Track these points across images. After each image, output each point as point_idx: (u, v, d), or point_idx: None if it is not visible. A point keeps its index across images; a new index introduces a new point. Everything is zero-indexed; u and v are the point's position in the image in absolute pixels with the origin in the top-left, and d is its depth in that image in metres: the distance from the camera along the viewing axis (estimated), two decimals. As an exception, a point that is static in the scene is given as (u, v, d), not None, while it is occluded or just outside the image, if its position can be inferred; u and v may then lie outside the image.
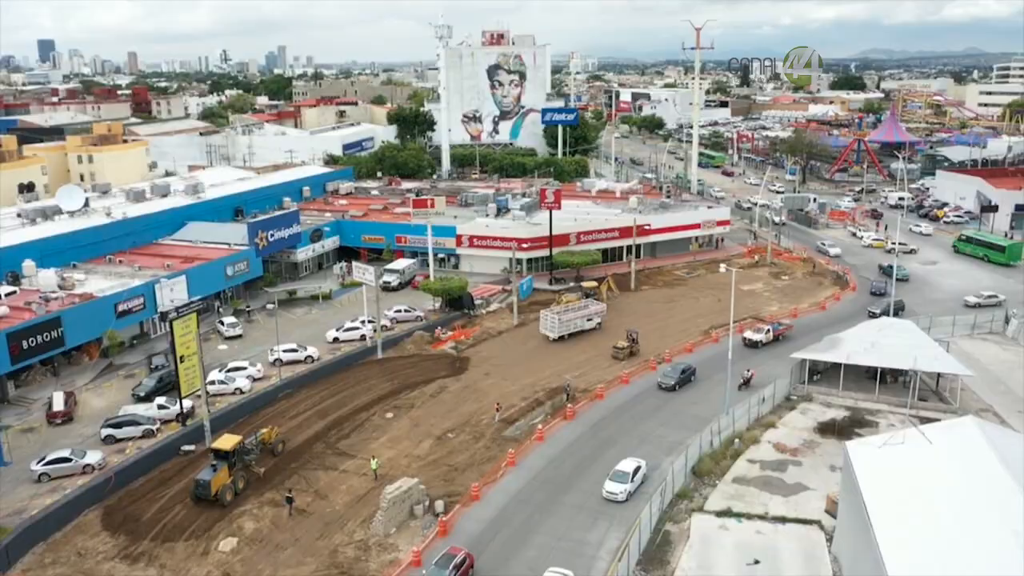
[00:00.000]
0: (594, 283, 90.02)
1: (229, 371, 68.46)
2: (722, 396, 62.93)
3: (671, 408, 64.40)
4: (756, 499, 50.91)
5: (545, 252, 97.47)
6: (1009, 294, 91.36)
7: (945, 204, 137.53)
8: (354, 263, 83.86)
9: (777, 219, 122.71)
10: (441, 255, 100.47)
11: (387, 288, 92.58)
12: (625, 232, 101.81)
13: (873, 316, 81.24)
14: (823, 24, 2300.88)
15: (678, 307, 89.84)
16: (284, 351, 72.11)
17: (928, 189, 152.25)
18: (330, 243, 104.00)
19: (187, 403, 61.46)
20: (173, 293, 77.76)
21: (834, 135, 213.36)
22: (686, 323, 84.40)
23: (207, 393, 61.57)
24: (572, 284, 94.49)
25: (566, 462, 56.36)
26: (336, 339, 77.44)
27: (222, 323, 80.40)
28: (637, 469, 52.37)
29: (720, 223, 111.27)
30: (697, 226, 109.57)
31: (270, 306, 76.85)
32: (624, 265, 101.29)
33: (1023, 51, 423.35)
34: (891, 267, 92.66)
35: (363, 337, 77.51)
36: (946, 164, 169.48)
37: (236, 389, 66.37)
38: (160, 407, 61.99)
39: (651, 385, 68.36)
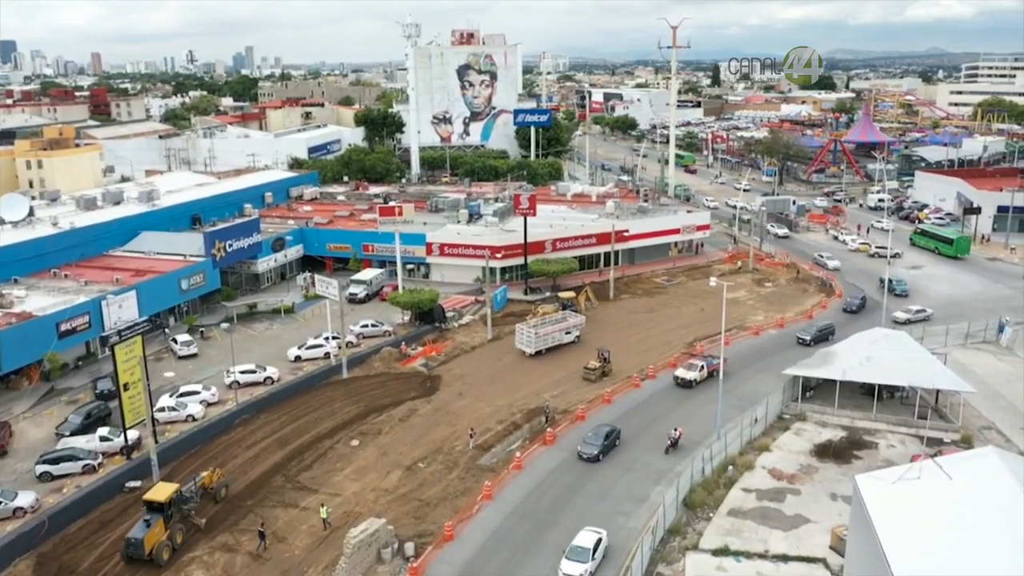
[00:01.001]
0: (571, 293, 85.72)
1: (180, 396, 63.24)
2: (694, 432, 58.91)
3: (658, 430, 60.18)
4: (754, 534, 46.90)
5: (520, 260, 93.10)
6: (996, 300, 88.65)
7: (925, 206, 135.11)
8: (317, 276, 78.76)
9: (780, 232, 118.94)
10: (410, 264, 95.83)
11: (353, 300, 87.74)
12: (602, 238, 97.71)
13: (803, 343, 75.42)
14: (789, 24, 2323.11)
15: (659, 317, 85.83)
16: (241, 372, 67.04)
17: (907, 189, 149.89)
18: (293, 252, 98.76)
19: (133, 434, 56.33)
20: (122, 311, 72.52)
21: (808, 135, 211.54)
22: (668, 334, 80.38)
23: (155, 422, 56.57)
24: (548, 294, 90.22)
25: (547, 494, 52.00)
26: (298, 358, 72.39)
27: (175, 341, 75.01)
28: (598, 543, 44.32)
29: (700, 228, 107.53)
30: (677, 231, 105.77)
31: (224, 325, 71.65)
32: (602, 273, 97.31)
33: (985, 51, 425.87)
34: (889, 281, 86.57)
35: (327, 355, 72.61)
36: (923, 164, 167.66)
37: (188, 416, 61.16)
38: (103, 439, 56.65)
39: (636, 404, 64.22)
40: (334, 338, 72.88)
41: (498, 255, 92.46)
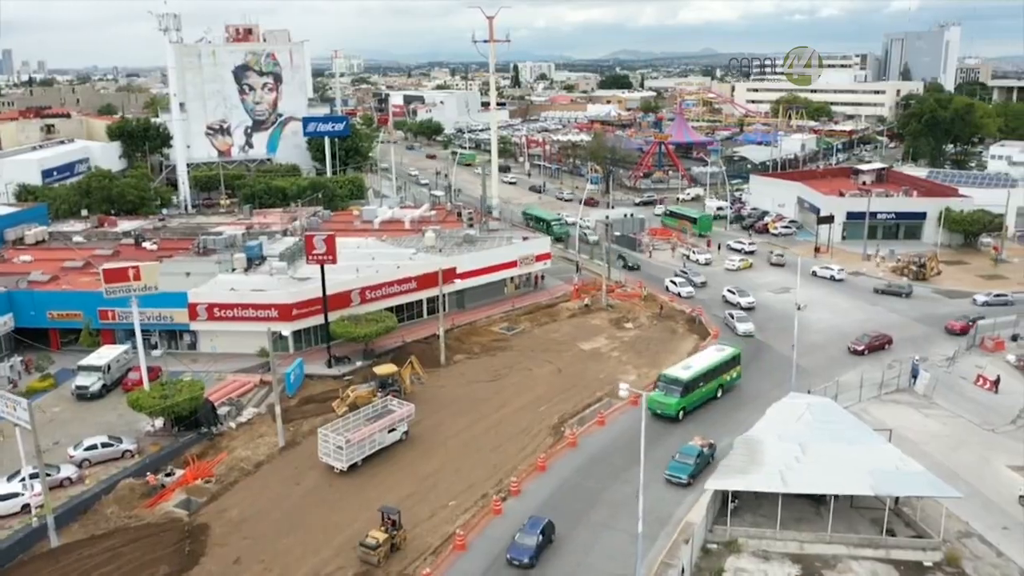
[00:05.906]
0: (392, 367, 63.99)
1: None
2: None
3: (541, 596, 40.70)
4: None
5: (319, 319, 70.65)
6: (885, 327, 76.12)
7: (765, 212, 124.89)
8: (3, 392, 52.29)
9: (699, 281, 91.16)
10: (166, 332, 71.07)
11: (83, 396, 62.12)
12: (425, 281, 77.37)
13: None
14: (574, 28, 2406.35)
15: (509, 387, 66.23)
16: None
17: (738, 193, 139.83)
18: (-2, 326, 70.87)
19: None
20: None
21: (620, 135, 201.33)
22: (524, 413, 61.08)
23: None
24: (360, 364, 68.53)
25: None
26: (-25, 519, 46.68)
27: None
28: None
29: (539, 258, 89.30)
30: (513, 264, 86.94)
31: None
32: (427, 325, 76.98)
33: (749, 51, 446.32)
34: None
35: (26, 508, 47.28)
36: (748, 166, 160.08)
37: None
38: None
39: (502, 546, 44.25)
40: (32, 477, 47.58)
41: (292, 314, 69.72)
